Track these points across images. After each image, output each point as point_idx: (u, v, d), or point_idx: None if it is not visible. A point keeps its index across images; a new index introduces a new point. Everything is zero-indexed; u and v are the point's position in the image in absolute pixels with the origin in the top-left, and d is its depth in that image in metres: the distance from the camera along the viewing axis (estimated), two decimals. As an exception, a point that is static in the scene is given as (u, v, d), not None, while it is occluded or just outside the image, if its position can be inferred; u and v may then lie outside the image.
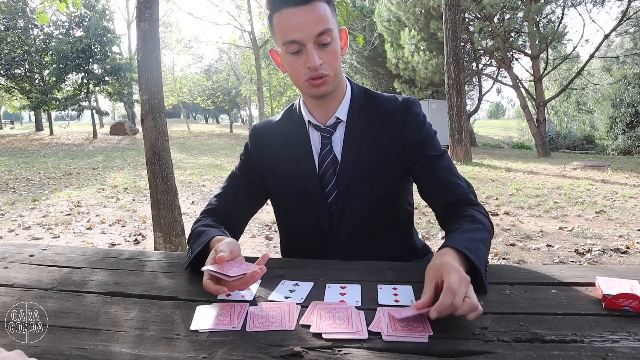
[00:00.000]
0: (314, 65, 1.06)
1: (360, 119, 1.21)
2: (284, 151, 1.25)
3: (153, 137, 3.49)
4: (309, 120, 1.23)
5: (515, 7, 15.06)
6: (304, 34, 1.04)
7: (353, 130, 1.20)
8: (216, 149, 18.42)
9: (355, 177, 1.19)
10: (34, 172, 10.97)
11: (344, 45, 1.17)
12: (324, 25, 1.05)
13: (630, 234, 4.56)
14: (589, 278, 0.95)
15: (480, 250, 0.94)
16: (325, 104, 1.21)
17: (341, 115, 1.21)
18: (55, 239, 4.93)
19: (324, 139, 1.22)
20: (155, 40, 3.48)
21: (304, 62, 1.08)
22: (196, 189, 8.39)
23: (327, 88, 1.13)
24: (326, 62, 1.09)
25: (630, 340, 0.70)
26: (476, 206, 1.13)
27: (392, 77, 20.69)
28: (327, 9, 1.07)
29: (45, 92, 20.77)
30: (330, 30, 1.06)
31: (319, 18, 1.04)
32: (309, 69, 1.08)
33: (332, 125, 1.22)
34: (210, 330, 0.77)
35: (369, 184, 1.19)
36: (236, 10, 17.86)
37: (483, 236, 1.00)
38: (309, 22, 1.04)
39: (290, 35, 1.05)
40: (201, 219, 1.21)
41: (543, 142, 14.63)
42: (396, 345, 0.71)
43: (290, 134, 1.26)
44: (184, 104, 33.73)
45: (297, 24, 1.04)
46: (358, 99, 1.23)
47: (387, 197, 1.23)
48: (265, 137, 1.30)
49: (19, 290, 0.96)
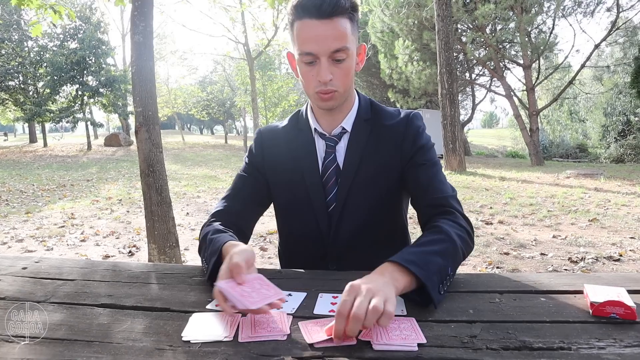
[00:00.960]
0: (324, 80, 1.08)
1: (365, 131, 1.23)
2: (288, 156, 1.27)
3: (147, 149, 3.49)
4: (315, 128, 1.25)
5: (507, 18, 15.25)
6: (320, 48, 1.06)
7: (356, 141, 1.23)
8: (211, 160, 18.41)
9: (354, 187, 1.21)
10: (27, 184, 10.92)
11: (361, 61, 1.19)
12: (342, 43, 1.06)
13: (623, 242, 4.59)
14: (578, 286, 0.96)
15: (431, 263, 0.90)
16: (332, 115, 1.23)
17: (347, 126, 1.23)
18: (49, 251, 4.90)
19: (328, 147, 1.24)
20: (149, 53, 3.50)
21: (316, 74, 1.10)
22: (191, 200, 8.37)
23: (334, 103, 1.15)
24: (337, 79, 1.10)
25: (616, 347, 0.71)
26: (451, 215, 1.10)
27: (386, 87, 20.83)
28: (347, 26, 1.08)
29: (39, 104, 20.72)
30: (347, 48, 1.08)
31: (337, 35, 1.06)
32: (320, 82, 1.10)
33: (338, 135, 1.24)
34: (202, 341, 0.77)
35: (367, 194, 1.21)
36: (230, 23, 17.95)
37: (441, 248, 0.96)
38: (328, 37, 1.05)
39: (307, 46, 1.07)
40: (210, 223, 1.22)
41: (536, 151, 14.72)
42: (386, 354, 0.71)
43: (296, 140, 1.27)
44: (179, 115, 33.75)
45: (315, 37, 1.06)
46: (365, 111, 1.25)
47: (385, 207, 1.24)
48: (270, 142, 1.31)
49: (12, 303, 0.96)
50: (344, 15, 1.06)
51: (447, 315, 0.85)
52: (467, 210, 6.65)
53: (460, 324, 0.81)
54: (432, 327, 0.80)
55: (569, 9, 16.22)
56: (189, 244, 5.03)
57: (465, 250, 1.04)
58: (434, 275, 0.89)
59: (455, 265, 0.98)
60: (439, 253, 0.94)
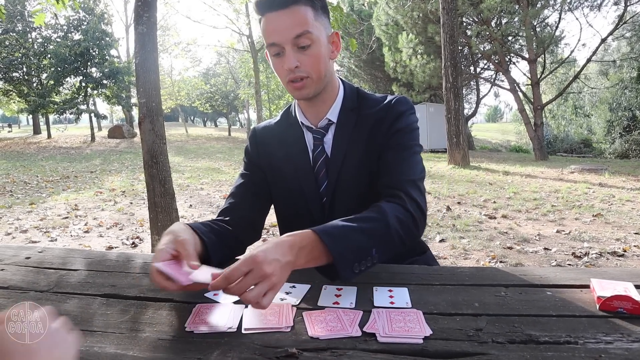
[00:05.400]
0: (289, 66, 1.09)
1: (351, 120, 1.22)
2: (281, 152, 1.27)
3: (151, 141, 3.49)
4: (302, 121, 1.25)
5: (513, 11, 15.15)
6: (281, 36, 1.07)
7: (342, 132, 1.22)
8: (214, 152, 18.42)
9: (343, 177, 1.20)
10: (31, 175, 10.95)
11: (336, 49, 1.18)
12: (302, 28, 1.07)
13: (627, 237, 4.57)
14: (584, 280, 0.95)
15: (350, 239, 0.90)
16: (315, 106, 1.22)
17: (332, 117, 1.23)
18: (53, 242, 4.92)
19: (315, 140, 1.24)
20: (153, 44, 3.49)
21: (284, 64, 1.10)
22: (194, 192, 8.38)
23: (308, 91, 1.14)
24: (305, 65, 1.10)
25: (623, 342, 0.71)
26: (397, 198, 1.06)
27: (390, 81, 20.75)
28: (308, 12, 1.08)
29: (43, 95, 20.76)
30: (309, 32, 1.08)
31: (297, 21, 1.07)
32: (288, 71, 1.10)
33: (324, 127, 1.23)
34: (206, 332, 0.77)
35: (356, 184, 1.20)
36: (234, 14, 17.90)
37: (369, 226, 0.95)
38: (287, 25, 1.07)
39: (270, 38, 1.09)
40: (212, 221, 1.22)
41: (540, 146, 14.67)
42: (391, 346, 0.71)
43: (287, 135, 1.28)
44: (182, 107, 33.72)
45: (276, 27, 1.08)
46: (350, 100, 1.24)
47: (375, 195, 1.20)
48: (264, 139, 1.32)
49: (15, 292, 0.96)
50: (302, 3, 1.08)
51: (452, 308, 0.84)
52: (471, 204, 6.63)
53: (465, 317, 0.80)
54: (437, 319, 0.79)
55: (576, 3, 16.09)
56: (192, 236, 5.03)
57: (404, 234, 1.01)
58: (348, 252, 0.89)
59: (384, 248, 0.96)
60: (364, 231, 0.94)
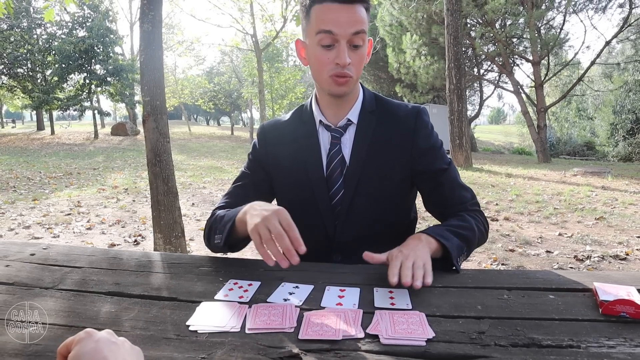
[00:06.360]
0: (344, 62, 1.09)
1: (371, 122, 1.23)
2: (292, 150, 1.26)
3: (154, 138, 3.50)
4: (321, 120, 1.24)
5: (517, 13, 15.09)
6: (341, 29, 1.07)
7: (363, 133, 1.22)
8: (217, 151, 18.43)
9: (362, 179, 1.20)
10: (34, 171, 10.98)
11: (368, 54, 1.19)
12: (361, 27, 1.09)
13: (630, 241, 4.56)
14: (587, 284, 0.95)
15: (452, 239, 1.07)
16: (338, 104, 1.22)
17: (352, 117, 1.23)
18: (55, 238, 4.93)
19: (333, 139, 1.23)
20: (157, 42, 3.49)
21: (333, 58, 1.10)
22: (196, 190, 8.39)
23: (347, 89, 1.16)
24: (353, 64, 1.12)
25: (626, 346, 0.71)
26: (472, 212, 1.21)
27: (393, 82, 20.70)
28: (364, 15, 1.10)
29: (47, 91, 20.77)
30: (365, 33, 1.10)
31: (358, 19, 1.08)
32: (337, 65, 1.10)
33: (343, 127, 1.23)
34: (209, 331, 0.78)
35: (375, 187, 1.21)
36: (239, 13, 17.89)
37: (461, 230, 1.11)
38: (349, 20, 1.07)
39: (328, 25, 1.08)
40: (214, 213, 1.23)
41: (543, 148, 14.64)
42: (393, 348, 0.71)
43: (300, 133, 1.27)
44: (186, 105, 33.74)
45: (336, 19, 1.07)
46: (369, 103, 1.25)
47: (393, 200, 1.24)
48: (273, 136, 1.31)
49: (20, 289, 0.97)
50: (363, 4, 1.09)
51: (455, 311, 0.84)
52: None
53: (468, 320, 0.81)
54: (440, 322, 0.80)
55: (580, 5, 16.05)
56: (195, 235, 5.05)
57: (480, 240, 1.19)
58: (453, 246, 1.05)
59: (470, 250, 1.14)
60: (457, 234, 1.10)
